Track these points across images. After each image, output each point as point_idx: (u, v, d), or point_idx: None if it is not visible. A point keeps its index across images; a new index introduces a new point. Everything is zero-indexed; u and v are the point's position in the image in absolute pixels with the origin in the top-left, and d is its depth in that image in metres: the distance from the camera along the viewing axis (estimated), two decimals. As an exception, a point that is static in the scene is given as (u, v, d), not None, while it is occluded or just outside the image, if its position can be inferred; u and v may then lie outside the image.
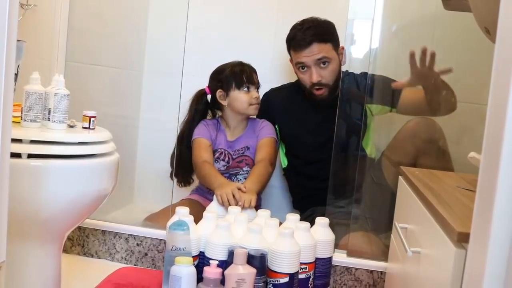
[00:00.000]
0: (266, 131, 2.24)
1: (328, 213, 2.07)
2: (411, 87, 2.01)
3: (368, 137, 2.23)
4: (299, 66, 2.19)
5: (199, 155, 2.16)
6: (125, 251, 2.09)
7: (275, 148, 2.25)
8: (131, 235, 2.09)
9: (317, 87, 2.18)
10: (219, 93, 2.21)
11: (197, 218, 1.75)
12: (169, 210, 2.13)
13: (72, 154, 1.49)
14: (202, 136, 2.21)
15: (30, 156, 1.43)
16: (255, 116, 2.30)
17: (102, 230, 2.11)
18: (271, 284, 1.58)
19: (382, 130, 2.29)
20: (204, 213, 1.77)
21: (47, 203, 1.45)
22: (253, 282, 1.52)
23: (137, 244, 2.08)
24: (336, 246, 1.92)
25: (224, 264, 1.58)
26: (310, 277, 1.67)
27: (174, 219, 1.70)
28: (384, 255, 1.87)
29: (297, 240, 1.61)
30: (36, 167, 1.43)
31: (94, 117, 1.67)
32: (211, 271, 1.50)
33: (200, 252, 1.67)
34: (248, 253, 1.54)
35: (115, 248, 2.10)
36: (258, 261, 1.55)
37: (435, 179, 1.42)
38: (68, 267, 1.95)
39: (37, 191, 1.43)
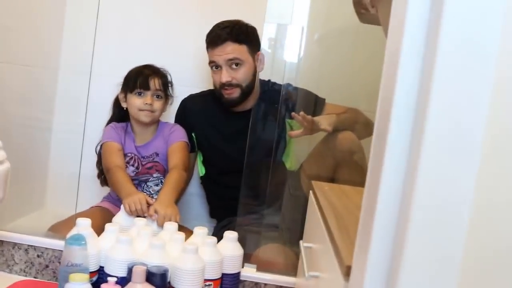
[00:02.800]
0: (177, 135, 2.15)
1: (240, 224, 2.00)
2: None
3: (289, 151, 2.19)
4: (212, 65, 2.13)
5: (111, 160, 2.05)
6: (25, 262, 1.95)
7: (187, 152, 2.15)
8: (31, 245, 1.94)
9: (226, 87, 2.12)
10: (120, 95, 2.14)
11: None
12: (74, 219, 2.01)
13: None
14: (111, 139, 2.09)
15: None
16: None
17: (0, 240, 1.96)
18: (172, 303, 1.50)
19: (303, 144, 2.24)
20: (106, 225, 1.66)
21: None
22: (152, 301, 1.43)
23: (38, 256, 1.94)
24: (248, 259, 1.86)
25: (124, 281, 1.47)
26: (216, 294, 1.60)
27: (74, 231, 1.59)
28: (295, 270, 1.82)
29: (202, 255, 1.53)
30: None
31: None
32: (107, 290, 1.40)
33: (100, 267, 1.57)
34: (148, 270, 1.45)
35: (14, 260, 1.96)
36: (158, 278, 1.46)
37: (343, 196, 1.38)
38: (-42, 281, 1.80)
39: None
